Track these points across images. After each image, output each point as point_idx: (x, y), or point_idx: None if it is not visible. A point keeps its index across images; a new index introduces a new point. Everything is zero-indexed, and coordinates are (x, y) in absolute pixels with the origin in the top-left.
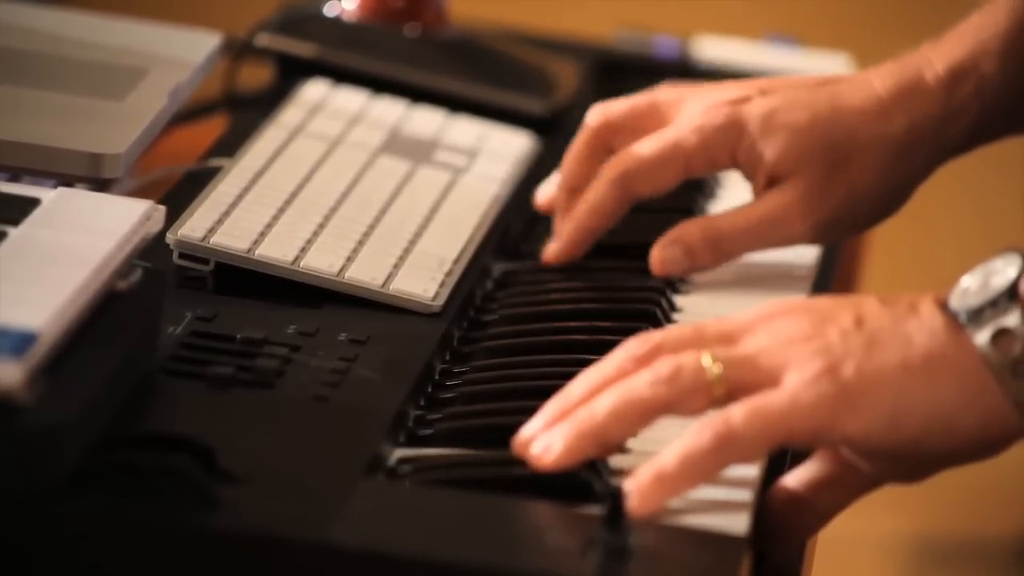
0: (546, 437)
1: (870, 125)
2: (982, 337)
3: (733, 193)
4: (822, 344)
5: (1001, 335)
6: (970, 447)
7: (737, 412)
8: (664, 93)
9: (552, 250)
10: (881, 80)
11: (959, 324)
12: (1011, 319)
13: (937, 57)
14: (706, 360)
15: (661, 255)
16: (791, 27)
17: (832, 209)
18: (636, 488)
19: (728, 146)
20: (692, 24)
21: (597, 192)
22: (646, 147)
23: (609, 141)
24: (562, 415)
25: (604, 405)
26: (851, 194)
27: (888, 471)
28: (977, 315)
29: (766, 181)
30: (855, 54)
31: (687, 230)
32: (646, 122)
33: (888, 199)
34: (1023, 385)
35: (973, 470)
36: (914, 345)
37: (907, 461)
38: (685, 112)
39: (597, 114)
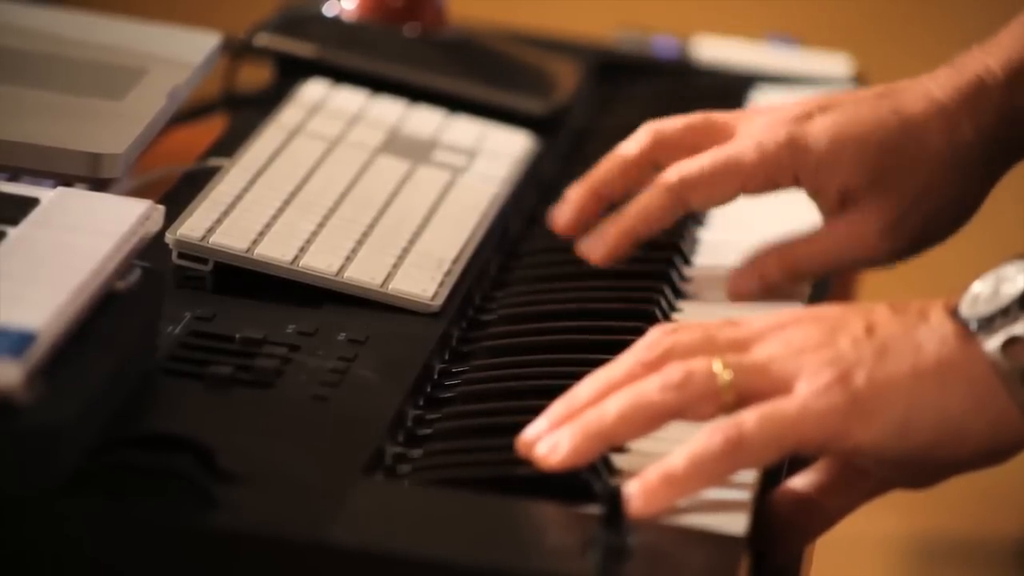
0: (552, 437)
1: (938, 134)
2: (992, 345)
3: (725, 219)
4: (833, 353)
5: (1011, 343)
6: (980, 454)
7: (748, 418)
8: (720, 114)
9: (595, 252)
10: (940, 87)
11: (969, 332)
12: (1021, 327)
13: (993, 60)
14: (717, 366)
15: (738, 288)
16: (791, 27)
17: (911, 226)
18: (642, 487)
19: (790, 166)
20: (692, 24)
21: (651, 198)
22: (705, 159)
23: (659, 158)
24: (568, 416)
25: (613, 408)
26: (928, 207)
27: (897, 477)
28: (988, 323)
29: (838, 199)
30: (855, 54)
31: (764, 263)
32: (701, 140)
33: (962, 208)
34: None
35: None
36: (924, 353)
37: (916, 468)
38: (744, 129)
39: (649, 131)
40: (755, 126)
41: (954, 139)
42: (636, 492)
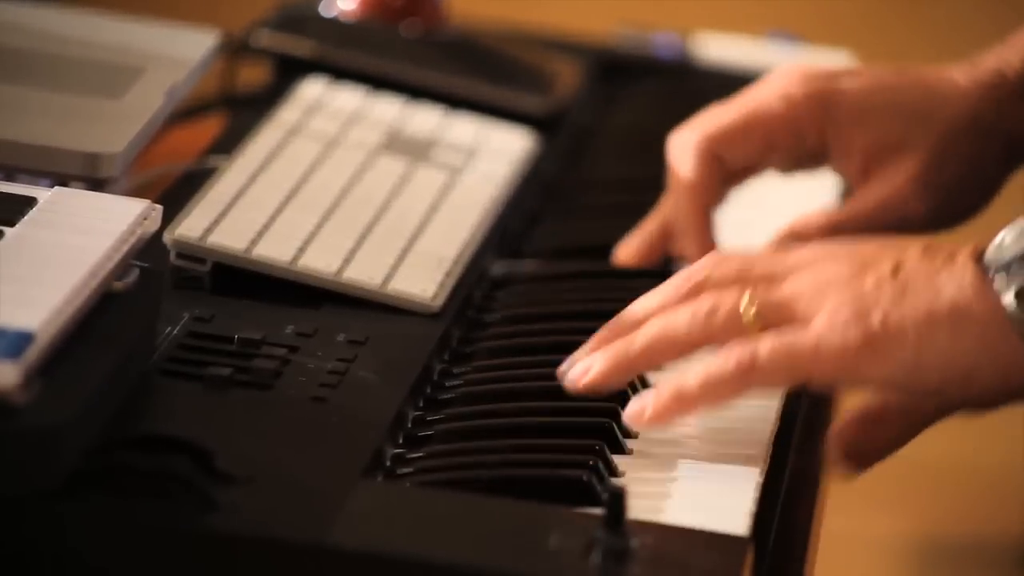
0: (587, 361)
1: (959, 104)
2: (1007, 291)
3: (725, 219)
4: (855, 291)
5: None
6: (990, 397)
7: (764, 346)
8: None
9: (628, 250)
10: (961, 75)
11: (987, 278)
12: None
13: (1012, 54)
14: (744, 301)
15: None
16: (792, 24)
17: (940, 183)
18: (655, 400)
19: (817, 121)
20: (693, 22)
21: (687, 170)
22: (725, 114)
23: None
24: (606, 341)
25: (642, 338)
26: (953, 169)
27: (942, 406)
28: (1007, 269)
29: (862, 163)
30: (856, 51)
31: (806, 224)
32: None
33: (985, 180)
34: None
35: (973, 470)
36: (942, 297)
37: (934, 402)
38: (769, 80)
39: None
40: (782, 78)
41: (974, 113)
42: (648, 403)
